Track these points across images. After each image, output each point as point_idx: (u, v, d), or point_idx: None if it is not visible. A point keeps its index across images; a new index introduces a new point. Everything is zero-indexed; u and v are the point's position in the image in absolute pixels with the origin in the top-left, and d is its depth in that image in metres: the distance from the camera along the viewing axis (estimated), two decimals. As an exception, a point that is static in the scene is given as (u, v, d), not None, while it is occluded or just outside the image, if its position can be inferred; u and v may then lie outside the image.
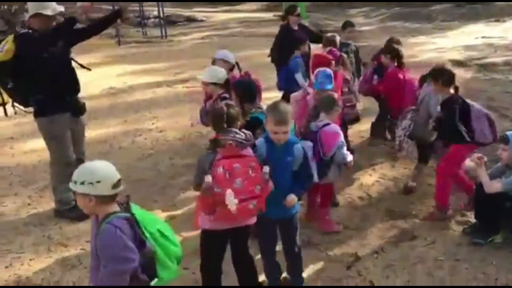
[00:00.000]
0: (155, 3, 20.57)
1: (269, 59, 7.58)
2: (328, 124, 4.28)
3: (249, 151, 3.21)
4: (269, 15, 25.40)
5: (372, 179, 5.48)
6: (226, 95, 4.60)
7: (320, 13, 24.34)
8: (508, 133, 4.08)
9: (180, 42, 17.23)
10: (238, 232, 3.33)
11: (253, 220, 3.34)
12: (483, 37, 14.70)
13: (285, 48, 6.93)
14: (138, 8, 21.11)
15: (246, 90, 4.36)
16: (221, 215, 3.10)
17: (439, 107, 4.67)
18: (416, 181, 5.23)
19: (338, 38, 6.49)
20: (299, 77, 6.26)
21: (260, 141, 3.38)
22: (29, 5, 4.65)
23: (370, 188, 5.25)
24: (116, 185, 2.63)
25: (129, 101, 9.34)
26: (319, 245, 4.34)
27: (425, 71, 5.41)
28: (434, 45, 14.14)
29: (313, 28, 7.89)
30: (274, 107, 3.37)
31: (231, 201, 2.98)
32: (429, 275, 3.82)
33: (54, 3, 4.63)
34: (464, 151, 4.56)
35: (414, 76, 5.94)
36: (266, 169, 3.13)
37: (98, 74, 11.87)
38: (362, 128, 6.77)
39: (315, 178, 3.98)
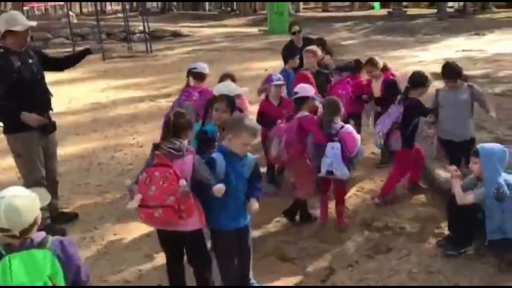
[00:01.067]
0: (140, 18, 20.69)
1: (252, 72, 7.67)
2: (343, 126, 4.61)
3: (185, 161, 3.32)
4: (254, 29, 25.69)
5: (349, 192, 5.51)
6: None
7: (304, 27, 24.66)
8: (478, 146, 4.14)
9: (165, 57, 17.31)
10: (179, 237, 3.45)
11: (185, 227, 3.37)
12: (463, 50, 14.95)
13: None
14: (123, 23, 21.22)
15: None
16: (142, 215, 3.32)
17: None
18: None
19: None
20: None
21: (218, 156, 3.44)
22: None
23: (347, 200, 5.27)
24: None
25: (111, 116, 9.34)
26: (295, 259, 4.34)
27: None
28: (416, 58, 14.33)
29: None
30: (245, 120, 3.46)
31: (132, 203, 3.23)
32: (402, 287, 3.84)
33: (24, 19, 4.64)
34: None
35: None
36: (183, 182, 3.22)
37: (82, 89, 11.91)
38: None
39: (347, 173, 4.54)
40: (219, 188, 3.29)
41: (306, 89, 4.89)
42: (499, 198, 3.87)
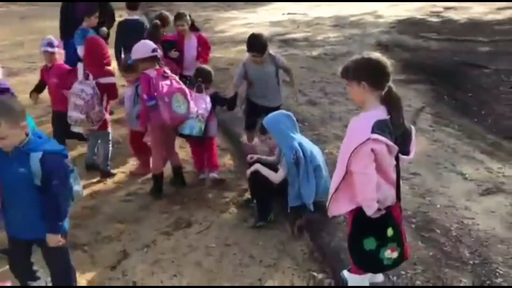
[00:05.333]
0: None
1: None
2: None
3: None
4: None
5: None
6: None
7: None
8: (263, 121, 4.10)
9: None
10: None
11: None
12: (289, 13, 15.44)
13: None
14: None
15: None
16: None
17: None
18: None
19: None
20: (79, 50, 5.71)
21: None
22: None
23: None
24: None
25: None
26: (86, 245, 3.90)
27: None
28: (245, 20, 14.41)
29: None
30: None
31: None
32: (197, 264, 3.66)
33: None
34: None
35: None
36: None
37: None
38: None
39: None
40: None
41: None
42: (296, 163, 3.87)
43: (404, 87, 7.72)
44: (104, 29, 6.67)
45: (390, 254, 2.87)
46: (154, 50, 4.40)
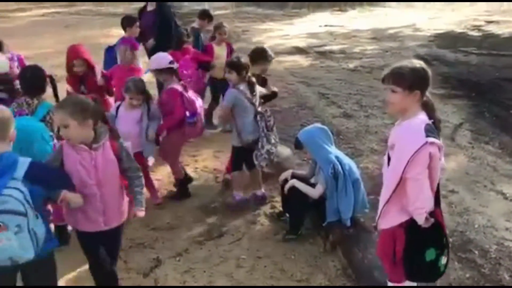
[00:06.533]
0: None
1: None
2: None
3: None
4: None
5: (191, 173, 5.22)
6: None
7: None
8: (298, 135, 4.08)
9: (16, 19, 15.50)
10: None
11: None
12: (326, 25, 15.42)
13: None
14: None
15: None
16: None
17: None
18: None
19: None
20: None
21: None
22: None
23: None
24: None
25: None
26: (120, 251, 3.95)
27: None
28: (281, 32, 14.48)
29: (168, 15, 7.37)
30: None
31: None
32: (228, 276, 3.66)
33: None
34: None
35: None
36: None
37: None
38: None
39: None
40: None
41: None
42: (335, 176, 3.84)
43: (443, 102, 7.58)
44: (151, 41, 6.77)
45: (444, 260, 2.84)
46: (171, 62, 4.49)
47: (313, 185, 4.01)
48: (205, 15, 6.98)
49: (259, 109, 4.42)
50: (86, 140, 2.80)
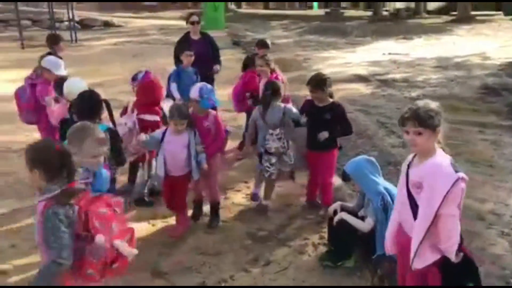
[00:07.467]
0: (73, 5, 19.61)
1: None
2: None
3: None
4: (189, 23, 25.09)
5: (238, 197, 5.26)
6: None
7: (241, 23, 24.43)
8: (344, 168, 4.01)
9: (90, 48, 16.53)
10: None
11: None
12: (389, 53, 15.21)
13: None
14: (58, 10, 20.11)
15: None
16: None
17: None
18: (269, 199, 5.11)
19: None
20: (173, 88, 6.07)
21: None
22: None
23: (232, 208, 5.04)
24: None
25: (9, 110, 8.61)
26: (168, 274, 4.02)
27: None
28: (343, 60, 14.45)
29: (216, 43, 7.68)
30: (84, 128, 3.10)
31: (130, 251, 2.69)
32: (272, 305, 3.62)
33: None
34: (335, 156, 4.94)
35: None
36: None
37: (-14, 79, 11.04)
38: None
39: None
40: None
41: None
42: (385, 208, 3.73)
43: (510, 133, 7.19)
44: (217, 67, 7.04)
45: None
46: None
47: (361, 218, 3.90)
48: (260, 44, 7.10)
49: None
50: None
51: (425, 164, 2.75)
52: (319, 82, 4.73)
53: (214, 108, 4.88)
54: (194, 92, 4.55)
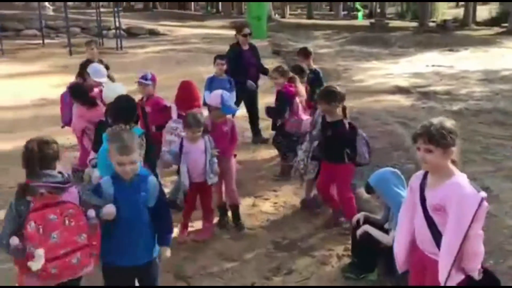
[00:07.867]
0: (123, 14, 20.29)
1: None
2: None
3: (71, 192, 2.85)
4: (233, 32, 25.41)
5: (265, 205, 5.26)
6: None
7: (284, 33, 24.50)
8: (369, 179, 3.91)
9: (134, 55, 16.96)
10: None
11: (89, 270, 2.90)
12: (433, 65, 14.86)
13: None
14: (106, 18, 20.87)
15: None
16: (46, 274, 2.69)
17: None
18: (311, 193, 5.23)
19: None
20: (205, 95, 6.15)
21: (105, 180, 3.06)
22: None
23: (257, 216, 5.06)
24: None
25: (53, 114, 8.97)
26: (191, 278, 4.06)
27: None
28: (385, 71, 14.22)
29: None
30: (115, 133, 3.11)
31: (36, 262, 2.62)
32: (291, 314, 3.59)
33: None
34: (351, 171, 4.75)
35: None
36: (91, 212, 2.82)
37: (35, 84, 11.56)
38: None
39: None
40: (109, 210, 2.89)
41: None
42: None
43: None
44: (250, 83, 7.15)
45: None
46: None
47: (387, 231, 3.82)
48: (301, 53, 7.13)
49: None
50: None
51: (445, 186, 2.66)
52: (325, 95, 4.61)
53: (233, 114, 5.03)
54: (215, 99, 4.67)
